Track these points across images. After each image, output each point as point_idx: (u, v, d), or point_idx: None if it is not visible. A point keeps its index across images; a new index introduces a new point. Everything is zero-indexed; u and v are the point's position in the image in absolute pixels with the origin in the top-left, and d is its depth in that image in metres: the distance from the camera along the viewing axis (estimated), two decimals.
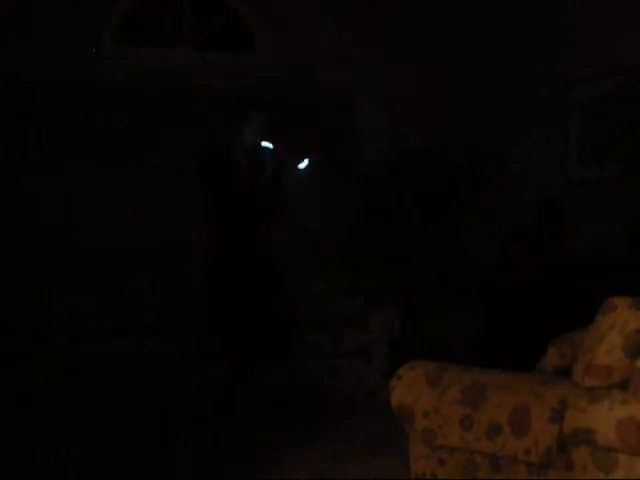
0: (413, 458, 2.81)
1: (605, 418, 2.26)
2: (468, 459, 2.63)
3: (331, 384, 5.16)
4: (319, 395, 5.02)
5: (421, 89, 6.60)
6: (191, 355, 4.82)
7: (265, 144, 4.57)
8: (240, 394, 4.59)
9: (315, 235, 6.07)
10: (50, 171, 5.78)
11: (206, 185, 4.63)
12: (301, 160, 4.55)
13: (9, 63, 5.76)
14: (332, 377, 5.22)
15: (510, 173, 6.21)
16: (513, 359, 3.16)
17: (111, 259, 5.72)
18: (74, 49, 5.93)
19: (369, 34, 6.58)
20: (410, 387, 2.76)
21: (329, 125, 6.39)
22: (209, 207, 4.67)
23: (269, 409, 4.61)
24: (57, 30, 5.88)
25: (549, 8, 5.90)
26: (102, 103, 5.95)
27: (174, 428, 4.15)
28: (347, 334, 5.38)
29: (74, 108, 5.87)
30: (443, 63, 6.53)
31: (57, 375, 4.78)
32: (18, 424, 4.20)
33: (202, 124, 5.91)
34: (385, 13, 6.63)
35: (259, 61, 6.43)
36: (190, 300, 4.90)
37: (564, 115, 5.78)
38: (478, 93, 6.41)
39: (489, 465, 2.58)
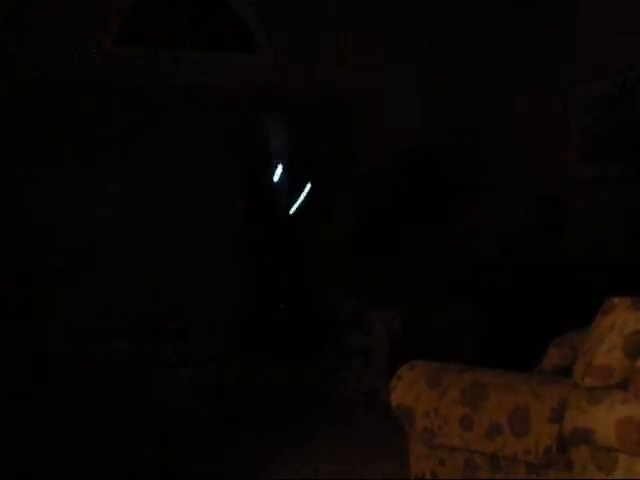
0: (413, 458, 2.80)
1: (605, 418, 2.26)
2: (468, 459, 2.63)
3: (331, 384, 5.16)
4: (319, 395, 5.02)
5: (421, 89, 6.60)
6: (191, 356, 4.82)
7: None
8: (240, 394, 4.59)
9: (315, 235, 6.07)
10: (50, 171, 5.78)
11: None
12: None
13: (8, 64, 5.76)
14: (332, 377, 5.21)
15: (510, 172, 6.21)
16: (513, 359, 3.16)
17: (111, 259, 5.73)
18: (74, 49, 5.93)
19: (369, 34, 6.58)
20: (410, 387, 2.76)
21: (329, 125, 6.39)
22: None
23: (269, 409, 4.62)
24: (57, 30, 5.88)
25: (550, 8, 5.90)
26: (102, 103, 5.95)
27: (174, 428, 4.14)
28: (347, 334, 5.38)
29: (74, 108, 5.87)
30: (443, 63, 6.53)
31: (57, 375, 4.78)
32: (18, 424, 4.20)
33: (202, 124, 5.92)
34: (385, 13, 6.63)
35: (259, 61, 6.43)
36: (191, 300, 4.91)
37: (564, 115, 5.77)
38: (478, 93, 6.40)
39: (489, 465, 2.57)
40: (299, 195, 4.74)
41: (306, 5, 6.48)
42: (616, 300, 2.42)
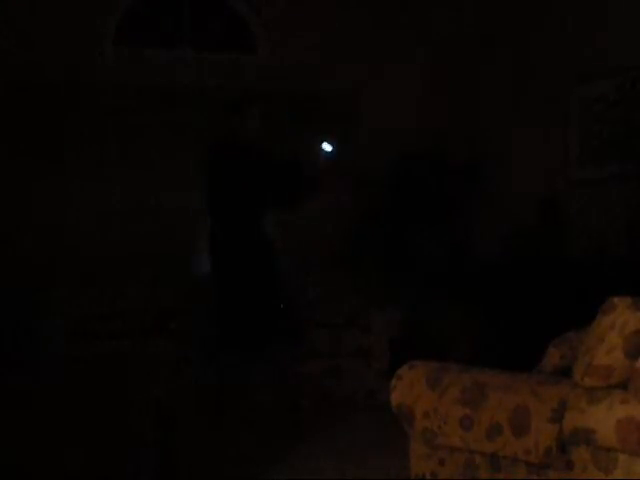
0: (413, 458, 2.80)
1: (605, 418, 2.26)
2: (468, 459, 2.63)
3: (331, 384, 5.15)
4: (319, 395, 5.01)
5: (421, 89, 6.60)
6: (190, 355, 4.81)
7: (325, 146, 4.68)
8: (240, 394, 4.59)
9: (315, 234, 6.07)
10: (49, 171, 5.78)
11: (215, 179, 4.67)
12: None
13: (8, 64, 5.76)
14: (332, 377, 5.21)
15: (510, 172, 6.21)
16: (513, 359, 3.16)
17: (111, 259, 5.72)
18: (74, 50, 5.93)
19: (370, 33, 6.58)
20: (410, 387, 2.76)
21: (329, 125, 6.39)
22: (212, 200, 4.70)
23: (269, 409, 4.61)
24: (57, 31, 5.88)
25: (549, 9, 5.90)
26: (102, 103, 5.95)
27: (174, 428, 4.14)
28: (347, 334, 5.38)
29: (74, 109, 5.87)
30: (444, 63, 6.53)
31: (57, 375, 4.78)
32: (17, 424, 4.20)
33: (202, 124, 5.91)
34: (386, 12, 6.63)
35: (259, 61, 6.43)
36: (190, 300, 4.91)
37: (564, 115, 5.78)
38: (478, 93, 6.41)
39: (489, 465, 2.57)
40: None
41: (306, 5, 6.48)
42: (616, 300, 2.42)
